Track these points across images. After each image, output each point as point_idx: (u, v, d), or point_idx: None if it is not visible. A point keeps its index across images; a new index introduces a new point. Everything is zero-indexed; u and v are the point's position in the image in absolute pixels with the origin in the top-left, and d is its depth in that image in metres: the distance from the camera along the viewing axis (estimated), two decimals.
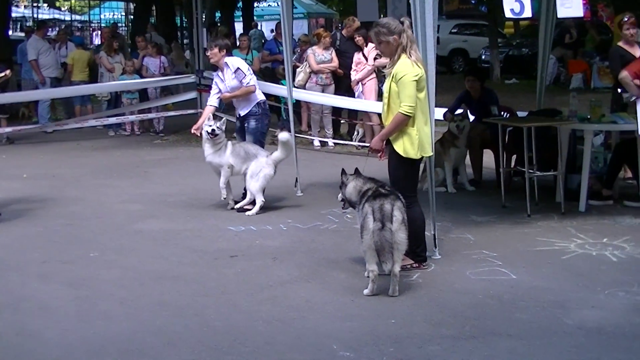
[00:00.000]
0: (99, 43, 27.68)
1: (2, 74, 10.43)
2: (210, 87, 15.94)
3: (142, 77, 16.91)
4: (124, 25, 40.54)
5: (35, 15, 44.47)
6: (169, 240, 8.53)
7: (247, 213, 9.69)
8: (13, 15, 34.64)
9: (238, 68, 10.07)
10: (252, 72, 10.31)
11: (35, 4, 47.57)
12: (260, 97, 10.21)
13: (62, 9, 55.72)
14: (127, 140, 16.17)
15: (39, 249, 8.23)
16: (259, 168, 9.71)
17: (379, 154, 7.45)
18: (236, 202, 9.95)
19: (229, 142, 9.95)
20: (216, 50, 10.15)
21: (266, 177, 9.73)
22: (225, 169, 9.84)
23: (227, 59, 10.20)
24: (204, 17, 17.77)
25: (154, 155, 14.33)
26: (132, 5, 38.26)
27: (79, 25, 48.22)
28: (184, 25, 34.05)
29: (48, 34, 20.49)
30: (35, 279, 7.26)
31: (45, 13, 49.37)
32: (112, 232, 8.90)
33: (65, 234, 8.88)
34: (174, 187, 11.36)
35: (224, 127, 9.92)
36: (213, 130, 9.80)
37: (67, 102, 18.38)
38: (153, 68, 17.17)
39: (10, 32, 26.72)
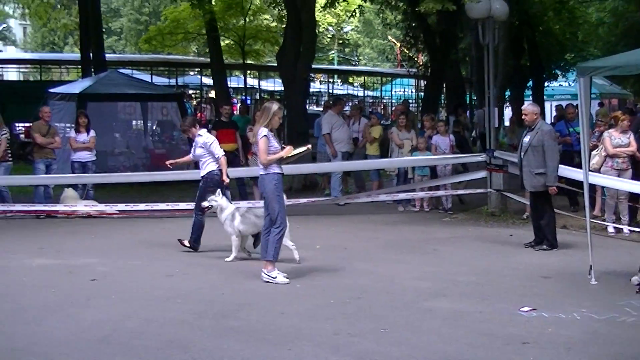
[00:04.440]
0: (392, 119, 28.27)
1: (305, 148, 10.83)
2: (499, 167, 15.87)
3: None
4: (414, 101, 41.29)
5: (330, 91, 46.44)
6: (458, 321, 8.42)
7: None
8: (310, 90, 36.35)
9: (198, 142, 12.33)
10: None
11: (330, 80, 49.71)
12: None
13: (355, 84, 57.83)
14: (416, 216, 16.31)
15: (330, 320, 8.40)
16: None
17: None
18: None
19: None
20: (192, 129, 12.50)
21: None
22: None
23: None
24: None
25: (443, 233, 14.32)
26: (422, 82, 39.00)
27: (371, 100, 49.74)
28: (473, 103, 34.16)
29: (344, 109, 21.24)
30: (327, 350, 7.40)
31: (339, 89, 51.44)
32: (401, 309, 8.92)
33: (355, 307, 9.01)
34: (463, 266, 11.25)
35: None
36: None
37: (357, 175, 18.90)
38: (443, 146, 17.25)
39: (307, 107, 27.97)
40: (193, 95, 43.63)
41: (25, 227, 14.69)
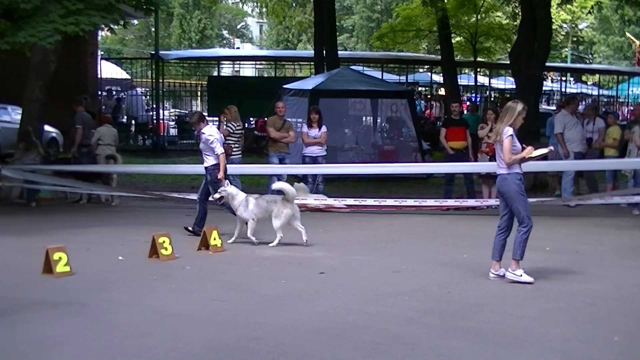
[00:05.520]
0: (629, 119, 27.11)
1: (546, 150, 10.58)
2: None
3: None
4: None
5: (562, 90, 45.25)
6: None
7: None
8: (543, 89, 35.54)
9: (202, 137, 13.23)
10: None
11: (563, 79, 48.43)
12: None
13: (588, 83, 56.06)
14: None
15: (559, 325, 8.15)
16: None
17: None
18: None
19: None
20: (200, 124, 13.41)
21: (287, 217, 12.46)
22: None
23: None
24: None
25: None
26: None
27: (605, 100, 48.07)
28: None
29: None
30: (556, 355, 7.19)
31: (572, 87, 50.04)
32: (637, 318, 8.51)
33: (587, 313, 8.70)
34: None
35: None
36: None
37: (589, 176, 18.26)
38: None
39: (539, 106, 27.40)
40: (423, 93, 43.68)
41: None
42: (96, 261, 11.16)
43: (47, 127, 21.85)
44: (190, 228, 13.35)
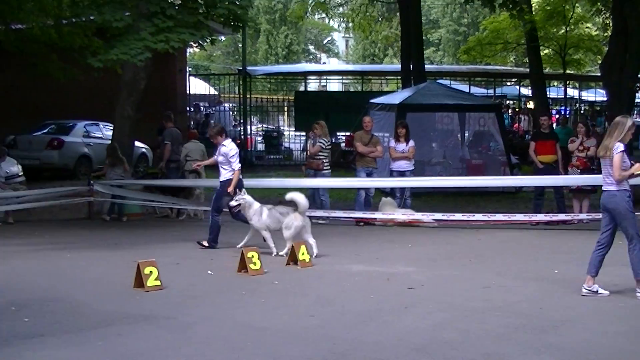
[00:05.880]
0: None
1: None
2: None
3: None
4: None
5: None
6: None
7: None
8: (636, 101, 34.77)
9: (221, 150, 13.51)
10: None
11: None
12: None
13: None
14: None
15: None
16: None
17: None
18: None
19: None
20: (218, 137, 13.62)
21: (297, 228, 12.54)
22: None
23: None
24: None
25: None
26: None
27: None
28: None
29: None
30: None
31: None
32: None
33: None
34: None
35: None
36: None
37: None
38: None
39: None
40: (511, 106, 43.17)
41: (345, 234, 15.19)
42: (186, 275, 11.28)
43: (137, 143, 22.21)
44: (204, 243, 13.59)
